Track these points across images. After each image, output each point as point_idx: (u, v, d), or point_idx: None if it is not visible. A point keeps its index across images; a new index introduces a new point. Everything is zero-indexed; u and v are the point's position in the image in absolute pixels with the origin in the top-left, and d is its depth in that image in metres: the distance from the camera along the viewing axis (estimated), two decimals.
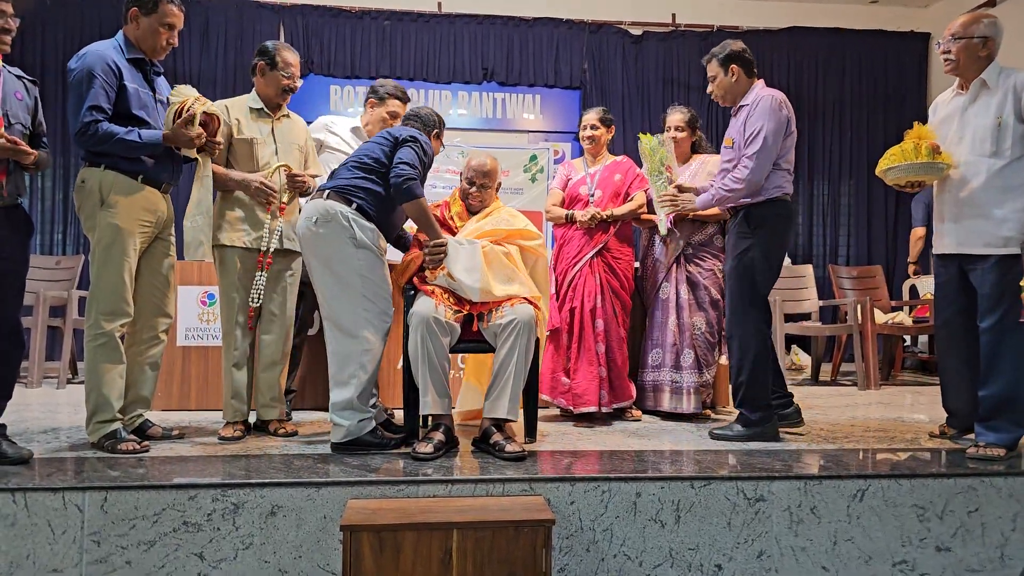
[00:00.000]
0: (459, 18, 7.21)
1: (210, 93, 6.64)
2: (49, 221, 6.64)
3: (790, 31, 7.53)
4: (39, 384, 5.02)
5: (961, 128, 3.07)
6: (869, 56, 7.59)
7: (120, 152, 2.88)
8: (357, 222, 2.96)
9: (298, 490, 2.46)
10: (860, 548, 2.62)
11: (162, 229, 3.11)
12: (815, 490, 2.62)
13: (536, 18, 7.30)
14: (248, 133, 3.29)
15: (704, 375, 3.88)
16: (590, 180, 4.00)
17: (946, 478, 2.69)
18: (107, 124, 2.82)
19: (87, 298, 2.96)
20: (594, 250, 3.89)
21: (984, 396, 3.02)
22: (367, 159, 3.06)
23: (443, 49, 7.18)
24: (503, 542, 2.26)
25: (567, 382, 3.80)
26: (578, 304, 3.84)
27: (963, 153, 3.05)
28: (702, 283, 3.89)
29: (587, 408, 3.71)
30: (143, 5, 2.98)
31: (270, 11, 6.96)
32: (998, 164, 2.95)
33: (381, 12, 7.11)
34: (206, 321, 4.16)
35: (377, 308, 2.97)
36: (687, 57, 7.46)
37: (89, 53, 2.88)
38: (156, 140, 2.91)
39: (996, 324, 2.96)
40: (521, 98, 7.38)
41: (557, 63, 7.32)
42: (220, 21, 6.87)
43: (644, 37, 7.45)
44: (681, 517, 2.57)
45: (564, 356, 3.85)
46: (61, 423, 3.55)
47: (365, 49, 7.05)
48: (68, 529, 2.35)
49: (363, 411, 2.97)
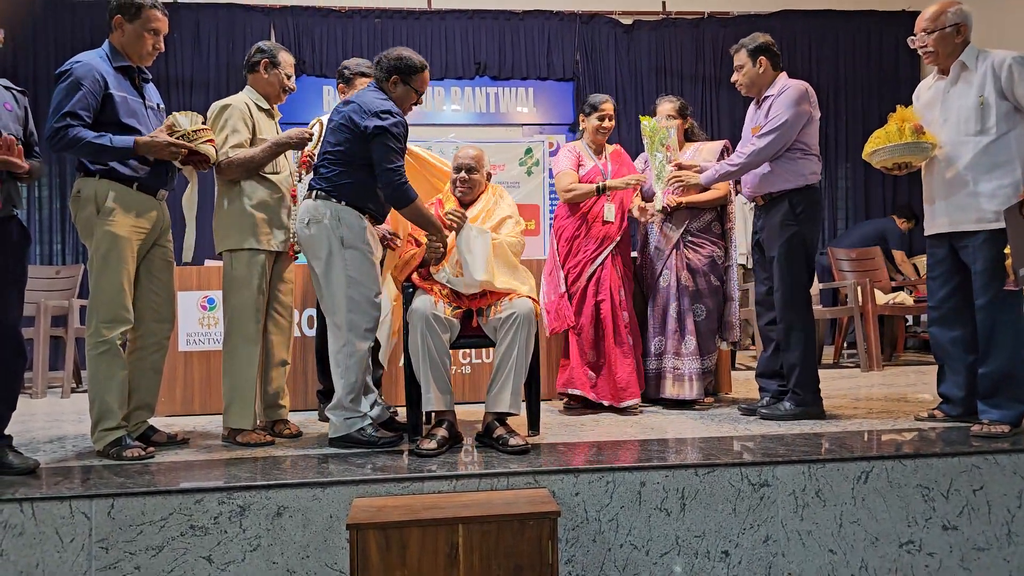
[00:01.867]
0: (449, 13, 7.21)
1: (202, 96, 6.73)
2: (48, 230, 6.65)
3: (781, 15, 7.52)
4: (44, 394, 5.03)
5: (945, 110, 3.11)
6: (862, 37, 7.58)
7: (90, 157, 2.86)
8: (347, 219, 2.96)
9: (303, 490, 2.47)
10: (866, 530, 2.63)
11: (159, 236, 3.10)
12: (819, 473, 2.63)
13: (527, 11, 7.29)
14: (266, 133, 3.28)
15: (705, 361, 3.89)
16: (603, 170, 3.97)
17: (950, 457, 2.69)
18: (78, 129, 2.79)
19: (87, 307, 2.97)
20: (614, 243, 3.89)
21: (984, 373, 3.03)
22: (339, 151, 2.98)
23: (434, 45, 7.18)
24: (509, 535, 2.26)
25: (594, 376, 3.81)
26: (606, 297, 3.83)
27: (948, 134, 3.09)
28: (701, 269, 3.89)
29: (631, 401, 3.75)
30: (126, 12, 2.97)
31: (260, 13, 6.96)
32: (984, 141, 2.99)
33: (371, 11, 7.11)
34: (207, 326, 4.17)
35: (362, 310, 2.97)
36: (679, 45, 7.46)
37: (77, 64, 2.87)
38: (127, 146, 2.85)
39: (992, 301, 2.98)
40: (514, 92, 7.38)
41: (549, 55, 7.32)
42: (211, 24, 6.87)
43: (635, 26, 7.44)
44: (686, 505, 2.58)
45: (592, 350, 3.84)
46: (67, 432, 3.56)
47: (356, 48, 7.05)
48: (76, 537, 2.36)
49: (351, 411, 2.99)
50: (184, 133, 2.95)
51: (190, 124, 2.98)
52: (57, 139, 2.79)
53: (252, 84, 3.35)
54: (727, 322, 3.95)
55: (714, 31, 7.47)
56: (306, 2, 7.03)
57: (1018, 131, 2.97)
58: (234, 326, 3.18)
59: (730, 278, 3.95)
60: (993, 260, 2.96)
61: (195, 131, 2.97)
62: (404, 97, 3.06)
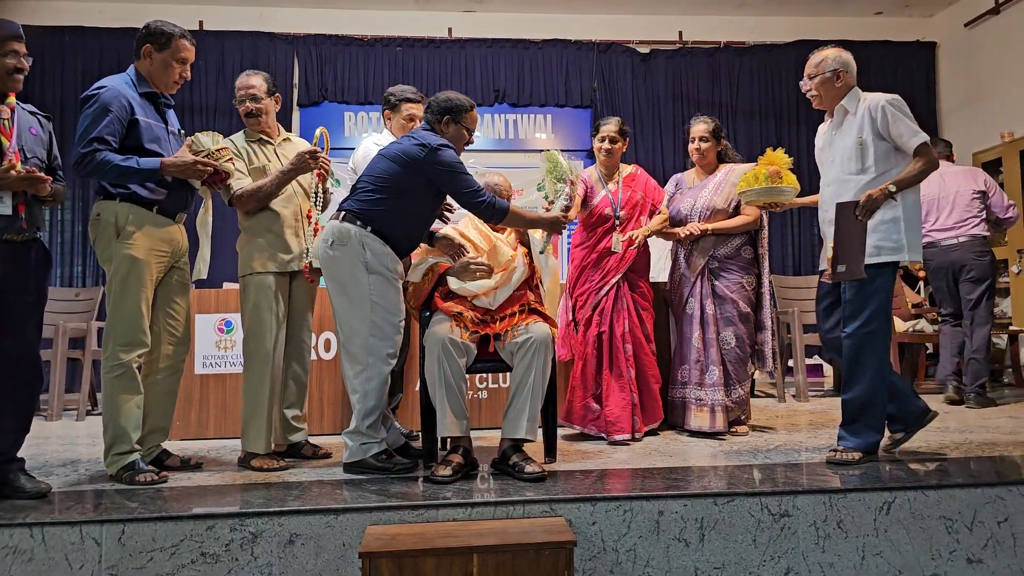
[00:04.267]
0: (469, 42, 7.28)
1: (225, 124, 6.80)
2: (69, 253, 6.71)
3: (796, 45, 7.52)
4: (59, 416, 5.04)
5: (832, 151, 3.23)
6: (877, 67, 7.56)
7: (117, 179, 2.89)
8: (371, 245, 2.97)
9: (316, 517, 2.44)
10: (889, 562, 2.56)
11: (178, 259, 3.12)
12: (840, 504, 2.58)
13: (545, 40, 7.35)
14: (260, 162, 3.31)
15: (734, 391, 3.80)
16: (613, 199, 3.89)
17: (973, 488, 2.63)
18: (105, 153, 2.83)
19: (104, 329, 2.98)
20: (620, 273, 3.82)
21: (845, 400, 3.12)
22: (384, 177, 3.02)
23: (454, 73, 7.24)
24: (524, 565, 2.22)
25: (598, 408, 3.75)
26: (607, 328, 3.77)
27: (835, 173, 3.21)
28: (729, 297, 3.81)
29: (621, 435, 3.64)
30: (156, 41, 3.01)
31: (284, 42, 7.06)
32: (864, 180, 3.09)
33: (392, 39, 7.20)
34: (224, 349, 4.17)
35: (385, 335, 2.97)
36: (695, 73, 7.49)
37: (103, 89, 2.90)
38: (153, 167, 2.90)
39: (858, 330, 3.05)
40: (532, 118, 7.42)
41: (567, 83, 7.37)
42: (236, 52, 6.98)
43: (652, 55, 7.47)
44: (705, 535, 2.53)
45: (593, 382, 3.78)
46: (80, 455, 3.56)
47: (378, 76, 7.13)
48: (86, 563, 2.34)
49: (367, 436, 2.98)
50: (208, 152, 3.00)
51: (212, 143, 3.03)
52: (84, 163, 2.82)
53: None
54: (760, 351, 3.89)
55: (730, 60, 7.50)
56: (329, 30, 7.12)
57: (897, 169, 3.07)
58: (248, 349, 3.20)
59: (763, 305, 3.87)
60: (863, 291, 3.03)
61: (217, 150, 3.01)
62: (457, 137, 3.13)
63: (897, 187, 2.99)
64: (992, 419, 4.22)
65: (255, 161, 3.31)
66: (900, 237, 3.03)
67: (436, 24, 7.27)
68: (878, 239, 3.03)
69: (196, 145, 3.02)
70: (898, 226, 3.03)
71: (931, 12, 7.61)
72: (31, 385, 2.78)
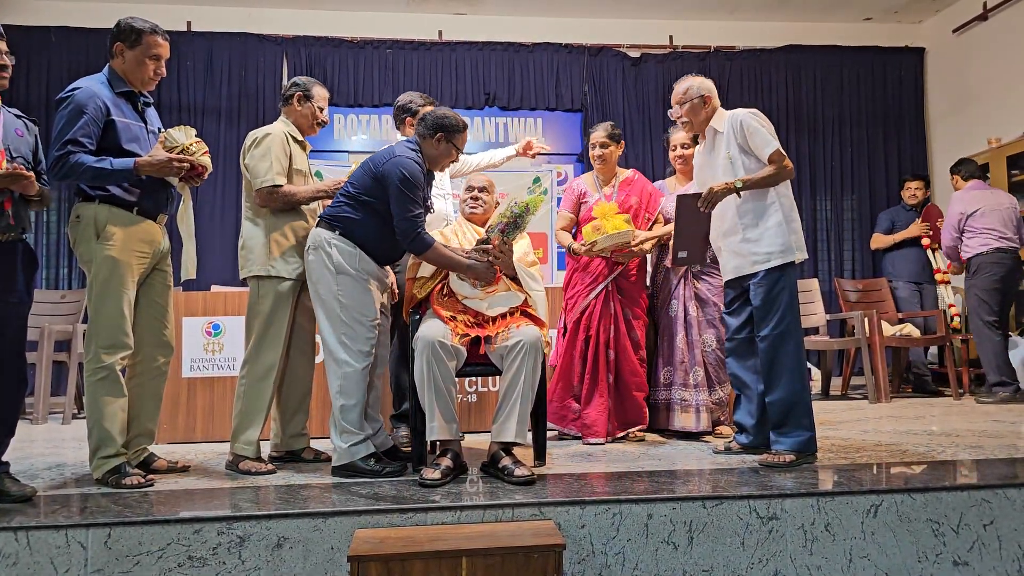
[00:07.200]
0: (460, 45, 7.27)
1: (213, 125, 6.77)
2: (54, 255, 6.66)
3: (786, 50, 7.56)
4: (45, 420, 5.00)
5: (710, 171, 3.33)
6: (866, 72, 7.62)
7: (92, 181, 2.85)
8: (337, 247, 3.02)
9: (304, 521, 2.43)
10: (876, 565, 2.57)
11: (159, 260, 3.09)
12: (828, 507, 2.58)
13: (536, 43, 7.35)
14: (300, 164, 3.31)
15: (715, 393, 3.84)
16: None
17: (959, 491, 2.65)
18: (79, 155, 2.78)
19: (86, 332, 2.95)
20: (609, 278, 3.84)
21: (771, 402, 3.16)
22: (352, 187, 3.11)
23: (445, 76, 7.23)
24: (513, 568, 2.22)
25: (578, 409, 3.78)
26: (593, 333, 3.81)
27: None
28: (711, 300, 3.86)
29: (596, 439, 3.71)
30: (127, 39, 2.99)
31: (273, 43, 7.02)
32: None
33: (383, 41, 7.18)
34: (211, 352, 4.15)
35: (355, 334, 3.01)
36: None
37: (77, 90, 2.86)
38: (127, 167, 2.85)
39: (771, 332, 3.13)
40: (523, 121, 7.42)
41: (558, 86, 7.37)
42: (224, 53, 6.92)
43: (643, 59, 7.49)
44: (694, 538, 2.53)
45: (576, 383, 3.82)
46: (66, 459, 3.53)
47: (368, 78, 7.11)
48: (71, 567, 2.32)
49: (353, 432, 2.99)
50: (182, 148, 2.93)
51: (185, 138, 2.96)
52: (59, 166, 2.78)
53: (286, 115, 3.38)
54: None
55: (720, 65, 7.52)
56: (318, 32, 7.09)
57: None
58: (253, 353, 3.17)
59: None
60: (769, 295, 3.13)
61: (191, 144, 2.95)
62: (445, 154, 3.19)
63: (744, 185, 3.10)
64: (978, 423, 4.25)
65: (296, 163, 3.29)
66: (787, 240, 3.14)
67: (427, 26, 7.26)
68: (767, 245, 3.14)
69: (169, 141, 2.94)
70: (782, 229, 3.14)
71: (920, 18, 7.66)
72: (16, 388, 2.75)
